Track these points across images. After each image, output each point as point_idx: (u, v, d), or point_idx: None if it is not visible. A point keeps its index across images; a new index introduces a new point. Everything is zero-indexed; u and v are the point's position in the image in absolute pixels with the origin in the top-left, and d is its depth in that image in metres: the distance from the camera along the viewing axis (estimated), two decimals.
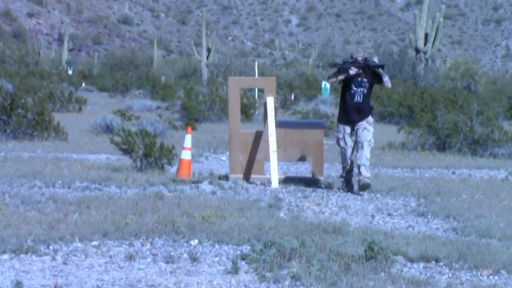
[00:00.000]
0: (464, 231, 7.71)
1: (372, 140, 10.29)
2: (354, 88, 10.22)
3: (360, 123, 10.23)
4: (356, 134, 10.24)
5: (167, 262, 6.19)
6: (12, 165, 11.77)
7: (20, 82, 30.53)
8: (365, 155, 10.13)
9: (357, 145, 10.30)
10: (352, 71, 10.22)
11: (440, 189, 10.64)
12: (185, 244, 6.84)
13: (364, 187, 10.06)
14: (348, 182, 10.47)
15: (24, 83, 29.46)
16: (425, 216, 8.71)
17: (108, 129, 18.76)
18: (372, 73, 10.30)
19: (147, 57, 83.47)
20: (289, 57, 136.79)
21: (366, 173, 10.11)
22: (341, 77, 10.32)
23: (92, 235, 6.89)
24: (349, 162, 10.37)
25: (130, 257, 6.27)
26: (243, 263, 6.14)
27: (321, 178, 11.08)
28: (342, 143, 10.33)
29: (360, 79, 10.21)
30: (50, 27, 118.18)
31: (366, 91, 10.26)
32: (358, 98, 10.22)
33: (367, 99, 10.32)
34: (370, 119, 10.30)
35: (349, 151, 10.31)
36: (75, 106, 28.85)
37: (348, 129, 10.29)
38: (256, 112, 26.78)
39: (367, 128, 10.21)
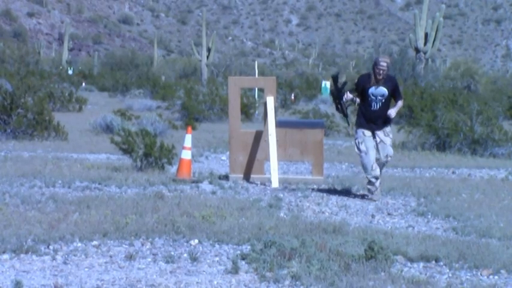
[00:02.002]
0: (464, 231, 7.72)
1: (390, 152, 9.82)
2: (371, 96, 9.72)
3: (378, 132, 9.78)
4: (375, 143, 9.81)
5: (167, 262, 6.19)
6: (12, 165, 11.77)
7: (20, 82, 30.50)
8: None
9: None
10: (347, 96, 9.88)
11: (440, 189, 10.64)
12: (185, 244, 6.84)
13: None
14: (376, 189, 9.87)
15: (23, 83, 29.43)
16: (425, 216, 8.71)
17: (108, 129, 18.77)
18: (390, 85, 9.78)
19: (147, 57, 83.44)
20: (289, 57, 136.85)
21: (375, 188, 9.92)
22: (349, 96, 9.91)
23: (92, 235, 6.89)
24: (372, 167, 9.72)
25: (130, 257, 6.27)
26: (243, 262, 6.14)
27: (321, 178, 11.09)
28: (362, 146, 9.76)
29: (376, 87, 9.70)
30: (50, 27, 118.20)
31: (384, 100, 9.73)
32: (375, 106, 9.72)
33: (386, 107, 9.78)
34: (388, 129, 9.82)
35: (371, 154, 9.71)
36: (75, 106, 28.85)
37: (368, 132, 9.78)
38: (256, 112, 26.78)
39: (384, 141, 9.76)
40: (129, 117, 20.90)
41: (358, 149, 9.85)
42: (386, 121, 9.82)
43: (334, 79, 10.07)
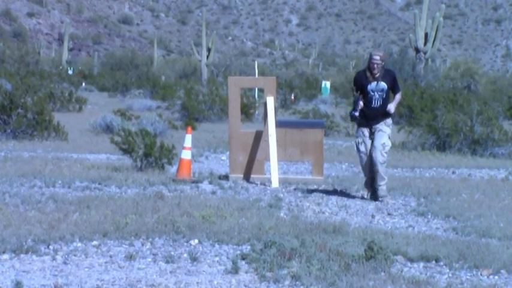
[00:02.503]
0: (464, 231, 7.71)
1: (387, 143, 9.67)
2: (371, 93, 9.62)
3: (377, 125, 9.69)
4: (373, 136, 9.71)
5: (167, 262, 6.18)
6: (12, 165, 11.77)
7: (20, 82, 30.53)
8: (380, 175, 9.61)
9: (371, 148, 9.68)
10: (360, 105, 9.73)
11: (440, 189, 10.64)
12: (185, 244, 6.84)
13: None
14: (374, 191, 9.82)
15: (23, 83, 29.46)
16: (425, 216, 8.71)
17: (108, 129, 18.77)
18: (389, 79, 9.72)
19: (147, 57, 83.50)
20: (289, 57, 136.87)
21: (384, 192, 9.72)
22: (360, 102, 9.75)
23: (92, 235, 6.89)
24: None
25: (130, 257, 6.27)
26: (243, 262, 6.14)
27: (321, 178, 11.09)
28: (361, 147, 9.72)
29: (376, 83, 9.62)
30: (50, 27, 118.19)
31: (384, 95, 9.66)
32: (376, 103, 9.64)
33: (386, 103, 9.69)
34: (389, 120, 9.75)
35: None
36: (75, 106, 28.85)
37: (366, 132, 9.74)
38: (256, 112, 26.78)
39: (383, 130, 9.66)
40: (129, 117, 20.91)
41: (358, 149, 9.83)
42: (386, 115, 9.74)
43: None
